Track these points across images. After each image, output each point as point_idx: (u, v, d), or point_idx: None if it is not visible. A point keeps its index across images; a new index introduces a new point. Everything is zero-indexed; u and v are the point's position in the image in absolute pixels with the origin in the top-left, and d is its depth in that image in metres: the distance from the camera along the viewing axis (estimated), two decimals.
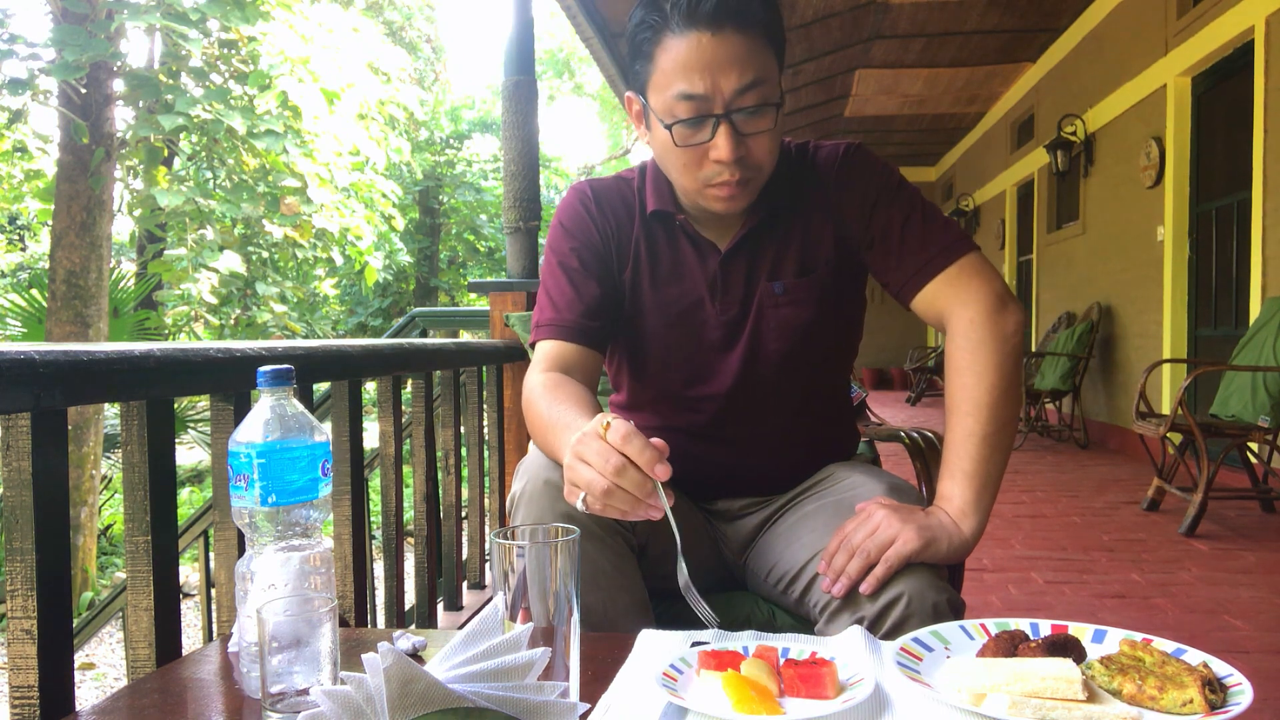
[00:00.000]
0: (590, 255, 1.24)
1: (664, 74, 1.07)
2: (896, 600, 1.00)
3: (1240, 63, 5.04)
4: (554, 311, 1.23)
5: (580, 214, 1.26)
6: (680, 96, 1.06)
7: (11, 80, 6.11)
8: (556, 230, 1.27)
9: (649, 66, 1.09)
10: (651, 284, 1.25)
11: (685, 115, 1.07)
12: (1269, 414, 3.92)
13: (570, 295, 1.22)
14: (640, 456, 0.87)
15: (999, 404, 1.11)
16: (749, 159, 1.11)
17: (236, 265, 8.30)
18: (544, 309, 1.24)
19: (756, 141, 1.10)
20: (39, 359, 0.97)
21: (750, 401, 1.25)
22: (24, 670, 0.98)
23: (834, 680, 0.77)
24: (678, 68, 1.06)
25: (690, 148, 1.10)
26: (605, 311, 1.24)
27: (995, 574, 3.32)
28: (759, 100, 1.07)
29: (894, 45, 7.79)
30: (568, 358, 1.21)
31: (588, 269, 1.23)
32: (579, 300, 1.22)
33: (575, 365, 1.21)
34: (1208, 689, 0.71)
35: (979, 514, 1.08)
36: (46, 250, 7.23)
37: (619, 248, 1.26)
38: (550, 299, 1.24)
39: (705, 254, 1.23)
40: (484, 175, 17.80)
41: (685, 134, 1.09)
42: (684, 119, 1.08)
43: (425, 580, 2.22)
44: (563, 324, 1.22)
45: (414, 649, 0.92)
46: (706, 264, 1.23)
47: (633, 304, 1.25)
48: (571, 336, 1.22)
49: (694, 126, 1.08)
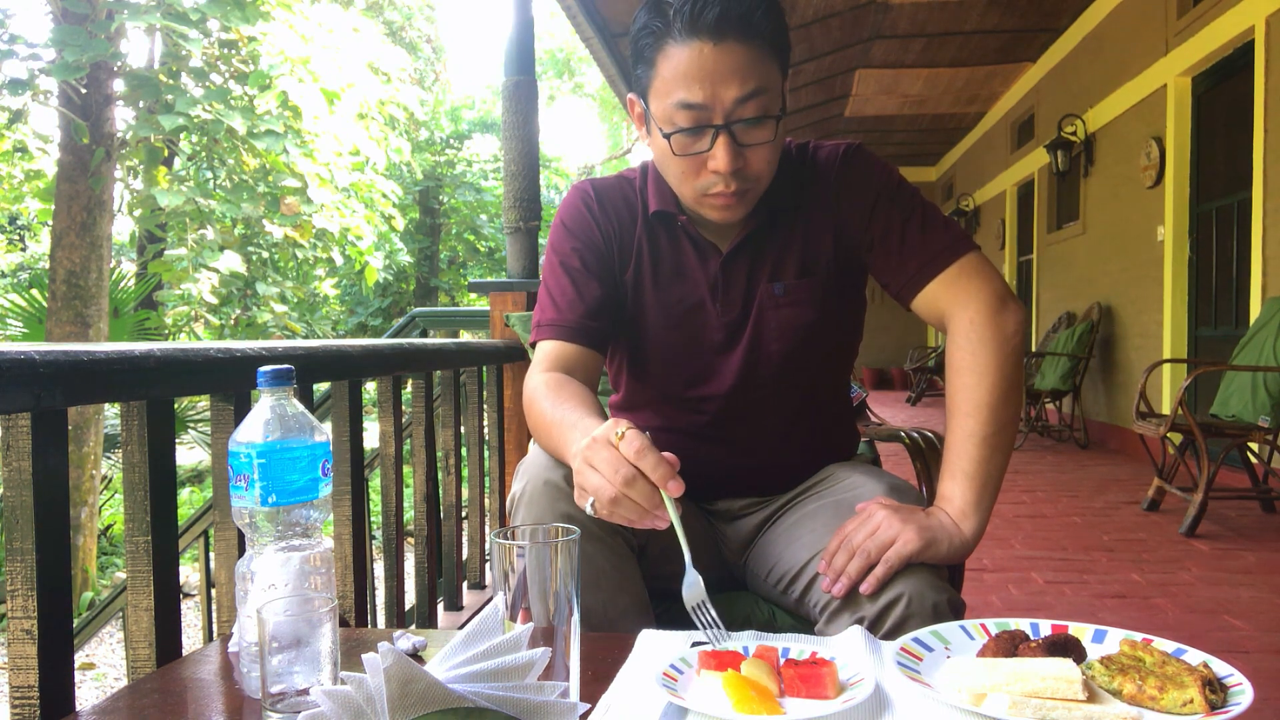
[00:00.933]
0: (592, 255, 1.24)
1: (664, 81, 1.07)
2: (897, 600, 1.00)
3: (1240, 63, 5.04)
4: (555, 311, 1.23)
5: (582, 214, 1.26)
6: (680, 105, 1.06)
7: (12, 80, 6.12)
8: (559, 230, 1.27)
9: (650, 72, 1.09)
10: (653, 284, 1.24)
11: (684, 124, 1.07)
12: (1269, 414, 3.92)
13: (572, 295, 1.22)
14: (654, 472, 0.86)
15: (1000, 405, 1.10)
16: (747, 170, 1.10)
17: (237, 265, 8.30)
18: (545, 309, 1.24)
19: (755, 153, 1.10)
20: (39, 359, 0.97)
21: (751, 402, 1.25)
22: (24, 670, 0.98)
23: (834, 680, 0.77)
24: (678, 76, 1.05)
25: (688, 157, 1.09)
26: (606, 312, 1.23)
27: (995, 574, 3.32)
28: (759, 111, 1.07)
29: (894, 45, 7.79)
30: (569, 358, 1.21)
31: (589, 269, 1.23)
32: (580, 300, 1.22)
33: (577, 365, 1.21)
34: (1208, 689, 0.71)
35: (979, 514, 1.08)
36: (47, 250, 7.23)
37: (621, 248, 1.25)
38: (552, 298, 1.24)
39: (706, 255, 1.23)
40: (484, 175, 17.80)
41: (684, 143, 1.09)
42: (683, 128, 1.07)
43: (425, 580, 2.22)
44: (564, 324, 1.22)
45: (414, 649, 0.92)
46: (708, 265, 1.23)
47: (634, 304, 1.25)
48: (573, 337, 1.21)
49: (693, 136, 1.08)
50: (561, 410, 1.07)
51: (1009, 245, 9.73)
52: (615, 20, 6.42)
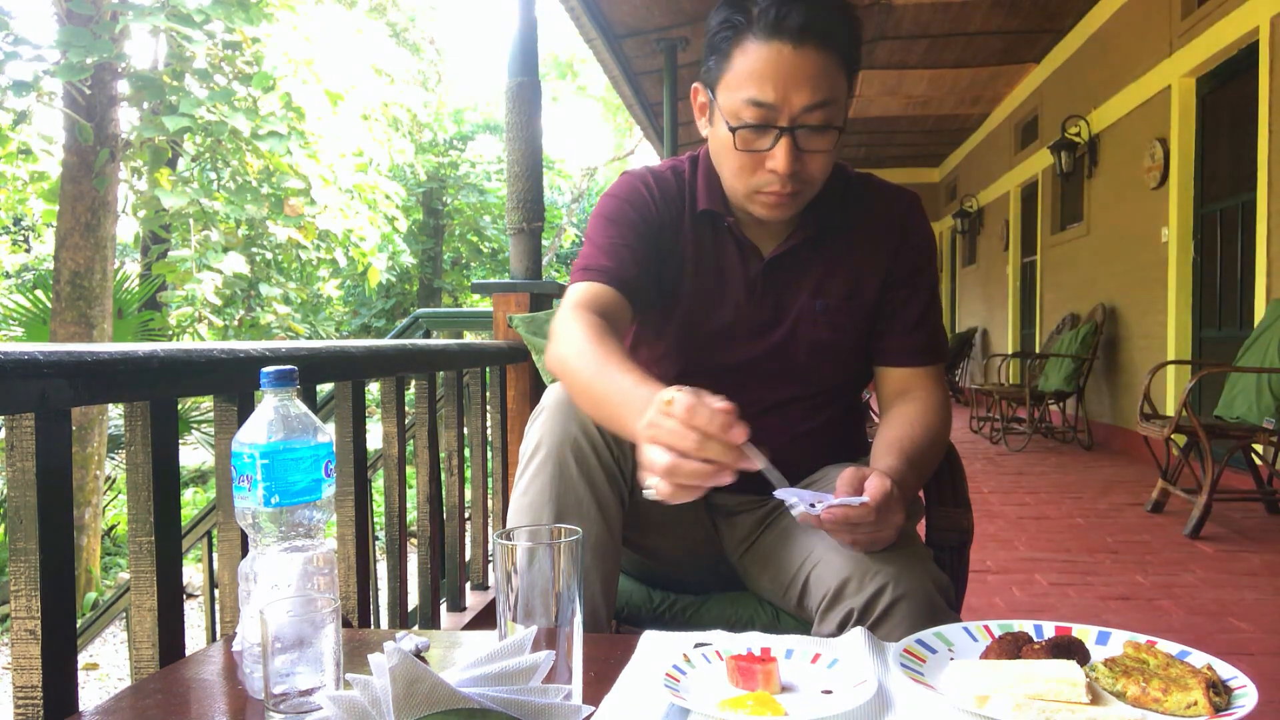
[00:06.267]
0: (644, 227, 1.23)
1: (737, 76, 1.08)
2: (884, 589, 1.01)
3: (1245, 64, 5.03)
4: (603, 257, 1.20)
5: (641, 194, 1.25)
6: (749, 102, 1.08)
7: (16, 82, 6.13)
8: (613, 201, 1.26)
9: (724, 64, 1.10)
10: (692, 277, 1.25)
11: (751, 121, 1.09)
12: (1274, 415, 3.91)
13: (621, 248, 1.20)
14: (711, 425, 0.83)
15: (932, 454, 1.19)
16: (803, 174, 1.12)
17: (240, 266, 8.31)
18: (590, 256, 1.21)
19: (813, 159, 1.12)
20: (43, 359, 0.97)
21: (766, 405, 1.25)
22: (28, 670, 0.98)
23: (771, 678, 0.78)
24: (752, 73, 1.07)
25: (748, 153, 1.11)
26: (648, 279, 1.23)
27: (999, 576, 3.31)
28: (824, 120, 1.09)
29: (898, 46, 7.78)
30: (608, 302, 1.17)
31: (641, 237, 1.22)
32: (631, 254, 1.20)
33: (612, 311, 1.17)
34: (1212, 691, 0.71)
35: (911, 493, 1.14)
36: (51, 251, 7.24)
37: (669, 237, 1.26)
38: (598, 248, 1.21)
39: (748, 257, 1.25)
40: (487, 176, 17.83)
41: (747, 139, 1.11)
42: (749, 124, 1.09)
43: (429, 581, 2.22)
44: (606, 269, 1.19)
45: (417, 650, 0.92)
46: (748, 267, 1.24)
47: (669, 293, 1.26)
48: (617, 284, 1.18)
49: (756, 133, 1.10)
50: (607, 377, 1.01)
51: (1013, 246, 9.71)
52: (619, 22, 6.43)
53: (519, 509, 1.13)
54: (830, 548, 1.08)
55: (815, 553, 1.10)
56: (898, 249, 1.26)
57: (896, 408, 1.24)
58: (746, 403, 1.25)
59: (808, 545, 1.13)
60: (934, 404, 1.23)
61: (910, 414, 1.21)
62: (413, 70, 13.96)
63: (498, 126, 18.39)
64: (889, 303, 1.27)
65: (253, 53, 7.37)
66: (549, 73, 21.78)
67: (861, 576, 1.03)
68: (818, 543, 1.10)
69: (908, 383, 1.27)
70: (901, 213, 1.27)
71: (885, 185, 1.30)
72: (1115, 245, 6.80)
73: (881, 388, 1.30)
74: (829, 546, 1.08)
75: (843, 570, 1.04)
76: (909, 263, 1.26)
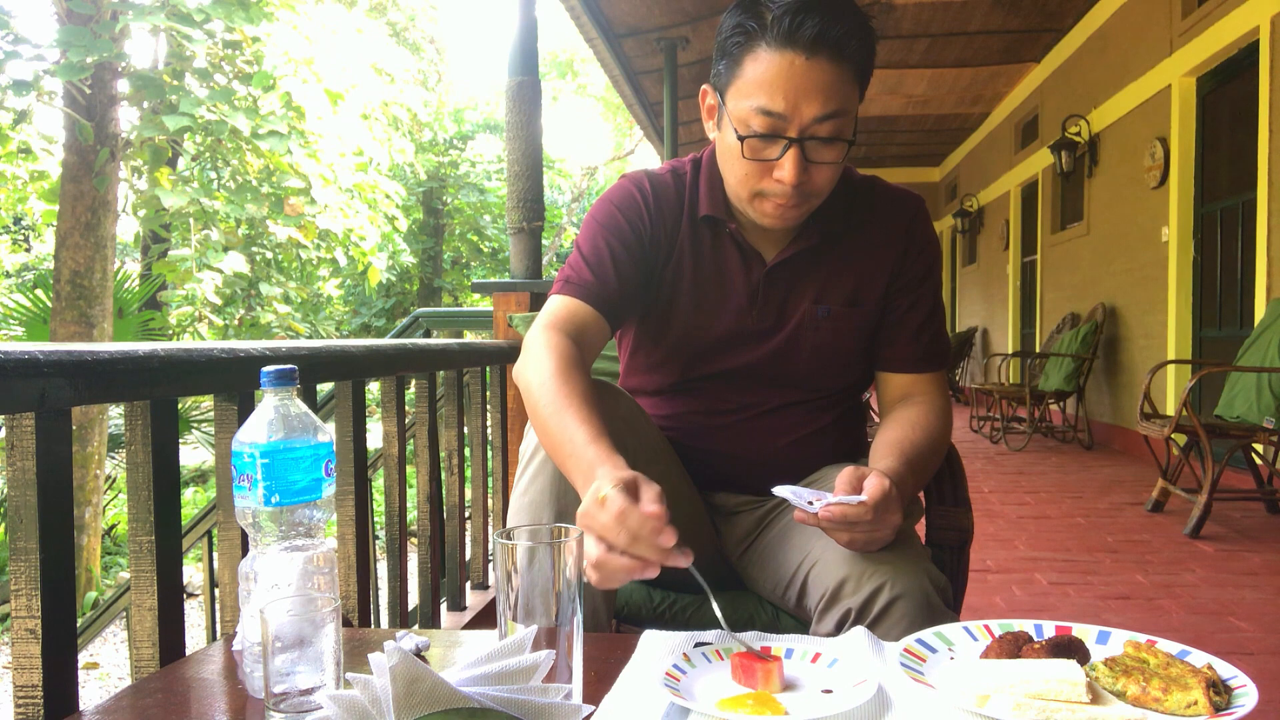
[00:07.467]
0: (635, 238, 1.23)
1: (748, 83, 1.08)
2: (881, 588, 1.01)
3: (1245, 63, 5.03)
4: (586, 271, 1.20)
5: (635, 201, 1.25)
6: (759, 110, 1.07)
7: (16, 81, 6.13)
8: (607, 206, 1.25)
9: (735, 70, 1.09)
10: (691, 283, 1.24)
11: (760, 130, 1.08)
12: (1274, 415, 3.91)
13: (607, 263, 1.20)
14: (642, 529, 0.84)
15: (931, 457, 1.18)
16: (809, 185, 1.12)
17: (240, 266, 8.32)
18: (575, 267, 1.21)
19: (820, 170, 1.11)
20: (44, 359, 0.97)
21: (767, 408, 1.26)
22: (28, 670, 0.98)
23: (772, 678, 0.78)
24: (763, 82, 1.06)
25: (756, 161, 1.11)
26: (632, 294, 1.22)
27: (999, 575, 3.31)
28: (834, 132, 1.08)
29: (898, 45, 7.78)
30: (583, 320, 1.17)
31: (629, 249, 1.22)
32: (614, 271, 1.20)
33: (587, 329, 1.17)
34: (1212, 691, 0.71)
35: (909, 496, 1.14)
36: (51, 251, 7.24)
37: (665, 243, 1.25)
38: (584, 260, 1.21)
39: (751, 263, 1.24)
40: (487, 176, 17.83)
41: (755, 148, 1.10)
42: (758, 133, 1.08)
43: (429, 580, 2.22)
44: (588, 285, 1.19)
45: (417, 649, 0.92)
46: (751, 273, 1.24)
47: (667, 300, 1.25)
48: (595, 301, 1.18)
49: (765, 143, 1.09)
50: (562, 423, 1.02)
51: (1013, 246, 9.71)
52: (619, 21, 6.43)
53: (519, 508, 1.13)
54: (828, 548, 1.08)
55: (814, 553, 1.11)
56: (902, 255, 1.25)
57: (897, 410, 1.24)
58: (747, 406, 1.26)
59: (806, 545, 1.13)
60: (935, 408, 1.23)
61: (911, 417, 1.21)
62: (413, 70, 13.96)
63: (498, 126, 18.39)
64: (893, 309, 1.26)
65: (253, 52, 7.37)
66: (549, 72, 21.79)
67: (859, 576, 1.03)
68: (816, 543, 1.10)
69: (909, 388, 1.27)
70: (907, 218, 1.26)
71: (891, 189, 1.29)
72: (1115, 245, 6.80)
73: (883, 392, 1.30)
74: (827, 546, 1.08)
75: (840, 570, 1.04)
76: (914, 269, 1.26)
